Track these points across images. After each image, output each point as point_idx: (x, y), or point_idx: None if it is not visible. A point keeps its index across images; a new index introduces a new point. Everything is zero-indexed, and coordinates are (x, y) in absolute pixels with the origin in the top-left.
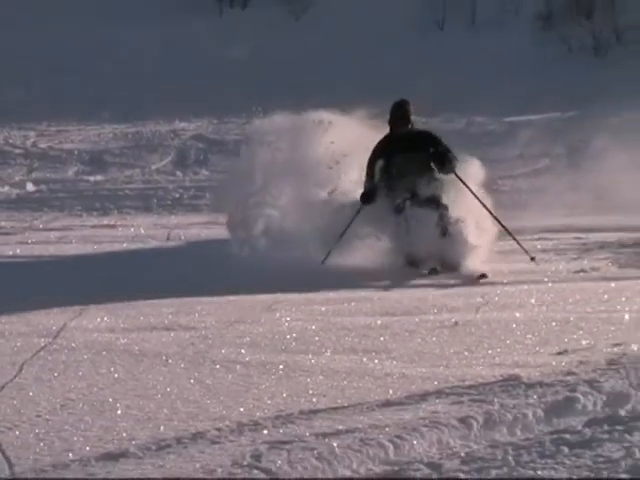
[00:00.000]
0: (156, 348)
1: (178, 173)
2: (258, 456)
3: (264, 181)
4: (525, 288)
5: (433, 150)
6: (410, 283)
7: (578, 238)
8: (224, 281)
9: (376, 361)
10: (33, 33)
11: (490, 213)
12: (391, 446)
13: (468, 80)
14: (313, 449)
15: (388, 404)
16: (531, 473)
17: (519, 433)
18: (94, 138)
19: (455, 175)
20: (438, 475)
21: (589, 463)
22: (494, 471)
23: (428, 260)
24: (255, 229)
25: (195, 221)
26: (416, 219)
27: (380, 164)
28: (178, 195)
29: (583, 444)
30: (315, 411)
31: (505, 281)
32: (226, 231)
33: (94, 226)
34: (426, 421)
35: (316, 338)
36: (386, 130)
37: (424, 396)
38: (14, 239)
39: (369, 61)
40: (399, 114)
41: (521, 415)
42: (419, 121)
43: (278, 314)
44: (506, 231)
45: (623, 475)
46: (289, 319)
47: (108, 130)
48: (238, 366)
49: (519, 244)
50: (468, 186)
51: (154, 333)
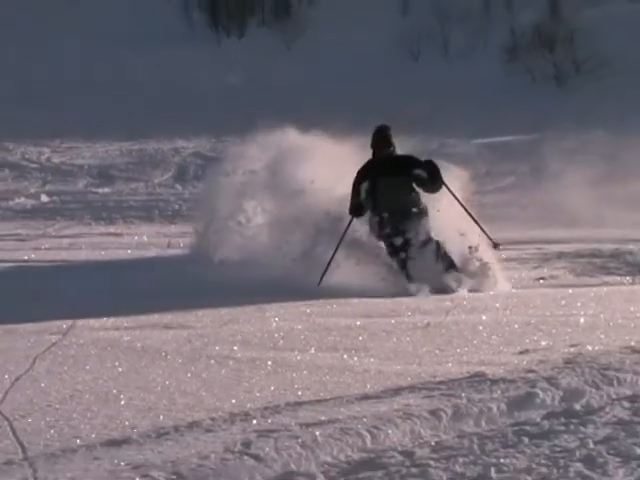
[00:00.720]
0: (156, 345)
1: (178, 187)
2: (248, 443)
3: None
4: (491, 293)
5: (418, 173)
6: (386, 289)
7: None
8: (218, 285)
9: (355, 358)
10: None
11: (466, 210)
12: (368, 435)
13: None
14: (298, 437)
15: (366, 397)
16: (494, 461)
17: (484, 424)
18: (102, 154)
19: (445, 186)
20: (410, 462)
21: (547, 452)
22: (461, 459)
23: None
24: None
25: (193, 230)
26: (413, 260)
27: (365, 186)
28: (178, 207)
29: (542, 435)
30: (300, 403)
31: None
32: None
33: (101, 234)
34: (400, 413)
35: (301, 337)
36: (367, 152)
37: (398, 390)
38: (29, 245)
39: (351, 87)
40: (380, 138)
41: (486, 408)
42: (399, 140)
43: (267, 314)
44: (473, 220)
45: (578, 463)
46: (277, 319)
47: (115, 147)
48: (231, 362)
49: (483, 231)
50: (455, 195)
51: (155, 331)
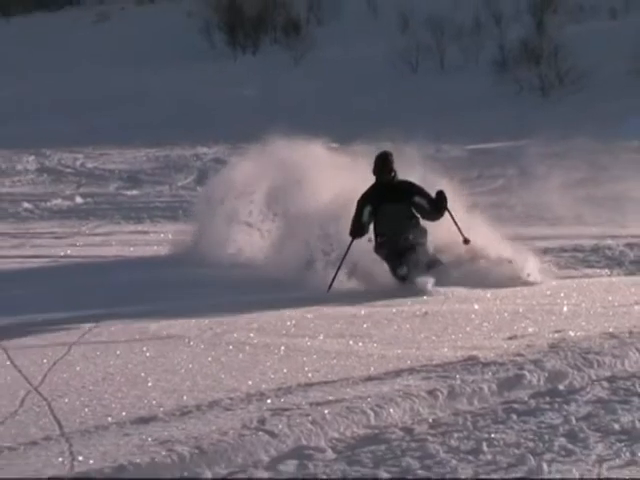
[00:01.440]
0: (180, 332)
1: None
2: (263, 421)
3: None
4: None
5: (419, 202)
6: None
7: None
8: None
9: (360, 344)
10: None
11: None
12: (372, 413)
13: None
14: (308, 415)
15: (369, 379)
16: (486, 436)
17: (477, 403)
18: (131, 160)
19: (449, 213)
20: (410, 437)
21: (534, 428)
22: (456, 434)
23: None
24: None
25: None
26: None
27: (369, 209)
28: None
29: (529, 412)
30: (310, 384)
31: None
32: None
33: (130, 232)
34: (400, 393)
35: (311, 325)
36: (367, 159)
37: (399, 373)
38: (65, 242)
39: (355, 98)
40: (382, 165)
41: (478, 388)
42: (399, 147)
43: (279, 305)
44: (451, 217)
45: (561, 438)
46: (289, 309)
47: (142, 154)
48: (247, 347)
49: (457, 225)
50: (454, 218)
51: (178, 320)
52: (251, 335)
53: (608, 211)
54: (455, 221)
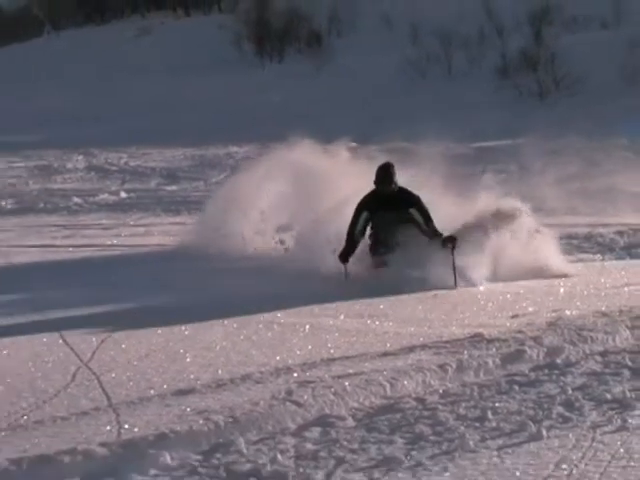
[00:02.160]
0: (215, 312)
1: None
2: (290, 392)
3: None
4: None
5: (414, 215)
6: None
7: None
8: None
9: (377, 323)
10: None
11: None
12: (388, 385)
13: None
14: (331, 387)
15: (386, 354)
16: (491, 405)
17: (482, 376)
18: (170, 159)
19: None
20: (422, 406)
21: (534, 397)
22: (464, 403)
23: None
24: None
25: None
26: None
27: (365, 216)
28: None
29: (529, 384)
30: (332, 359)
31: None
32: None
33: (170, 223)
34: (414, 367)
35: (333, 305)
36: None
37: (412, 348)
38: (111, 232)
39: (371, 101)
40: (384, 176)
41: (484, 362)
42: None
43: (304, 289)
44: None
45: (559, 407)
46: (313, 293)
47: (180, 153)
48: (275, 326)
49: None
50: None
51: (214, 301)
52: (279, 315)
53: (600, 202)
54: (453, 262)
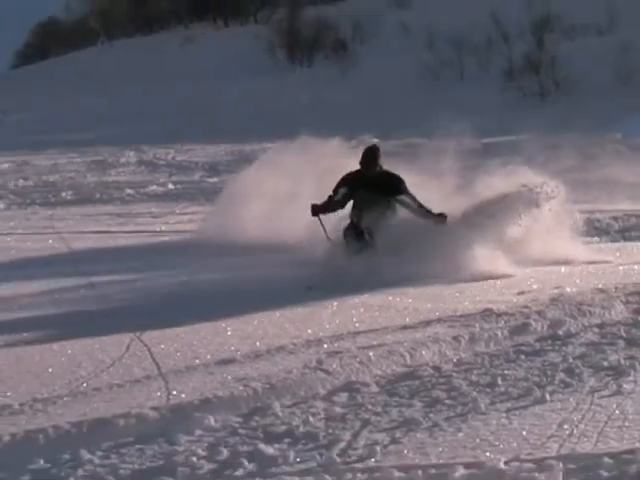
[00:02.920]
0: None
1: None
2: (320, 361)
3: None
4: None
5: (405, 200)
6: None
7: None
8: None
9: (398, 299)
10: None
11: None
12: (408, 355)
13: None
14: (356, 357)
15: (405, 327)
16: (500, 372)
17: (492, 346)
18: (212, 154)
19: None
20: (439, 374)
21: (538, 365)
22: (476, 371)
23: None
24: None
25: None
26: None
27: (343, 191)
28: None
29: (534, 353)
30: (358, 332)
31: None
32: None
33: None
34: (430, 338)
35: (358, 284)
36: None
37: (429, 322)
38: (160, 220)
39: (389, 102)
40: (370, 158)
41: (493, 334)
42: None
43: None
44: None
45: (561, 373)
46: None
47: (221, 149)
48: (307, 303)
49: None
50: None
51: (248, 282)
52: (310, 294)
53: (596, 191)
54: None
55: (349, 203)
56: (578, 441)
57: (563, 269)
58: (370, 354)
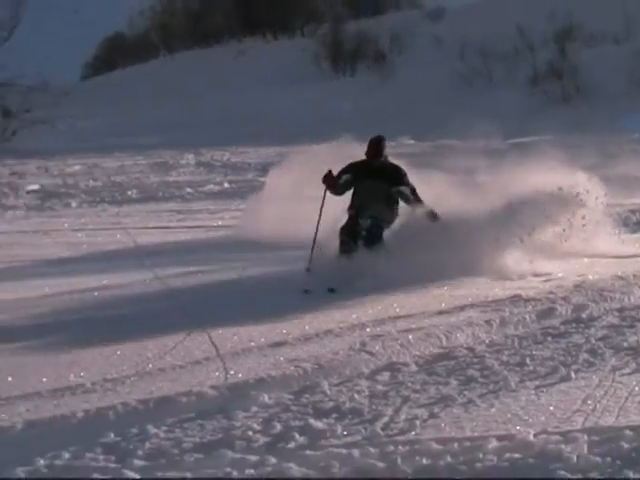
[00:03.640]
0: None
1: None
2: (364, 344)
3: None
4: None
5: (402, 190)
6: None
7: None
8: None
9: (434, 287)
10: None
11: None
12: (444, 337)
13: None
14: (397, 339)
15: (441, 312)
16: (529, 353)
17: (521, 329)
18: (263, 155)
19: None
20: (472, 354)
21: (563, 346)
22: (506, 352)
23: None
24: None
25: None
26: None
27: (347, 177)
28: None
29: (560, 335)
30: (398, 317)
31: None
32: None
33: None
34: (465, 322)
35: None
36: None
37: (463, 307)
38: (217, 216)
39: (425, 107)
40: (375, 148)
41: (522, 318)
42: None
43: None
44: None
45: (585, 354)
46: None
47: (271, 150)
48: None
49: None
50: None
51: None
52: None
53: (615, 186)
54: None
55: (348, 193)
56: (601, 415)
57: (586, 259)
58: (409, 337)
